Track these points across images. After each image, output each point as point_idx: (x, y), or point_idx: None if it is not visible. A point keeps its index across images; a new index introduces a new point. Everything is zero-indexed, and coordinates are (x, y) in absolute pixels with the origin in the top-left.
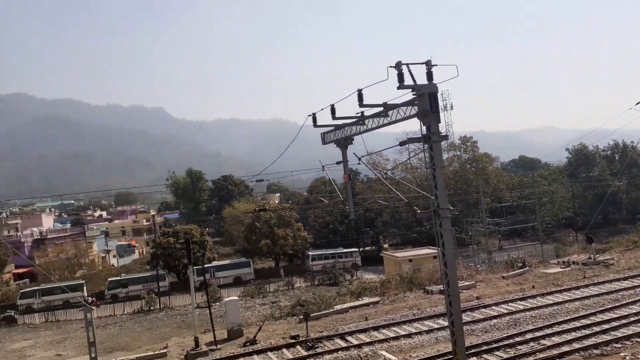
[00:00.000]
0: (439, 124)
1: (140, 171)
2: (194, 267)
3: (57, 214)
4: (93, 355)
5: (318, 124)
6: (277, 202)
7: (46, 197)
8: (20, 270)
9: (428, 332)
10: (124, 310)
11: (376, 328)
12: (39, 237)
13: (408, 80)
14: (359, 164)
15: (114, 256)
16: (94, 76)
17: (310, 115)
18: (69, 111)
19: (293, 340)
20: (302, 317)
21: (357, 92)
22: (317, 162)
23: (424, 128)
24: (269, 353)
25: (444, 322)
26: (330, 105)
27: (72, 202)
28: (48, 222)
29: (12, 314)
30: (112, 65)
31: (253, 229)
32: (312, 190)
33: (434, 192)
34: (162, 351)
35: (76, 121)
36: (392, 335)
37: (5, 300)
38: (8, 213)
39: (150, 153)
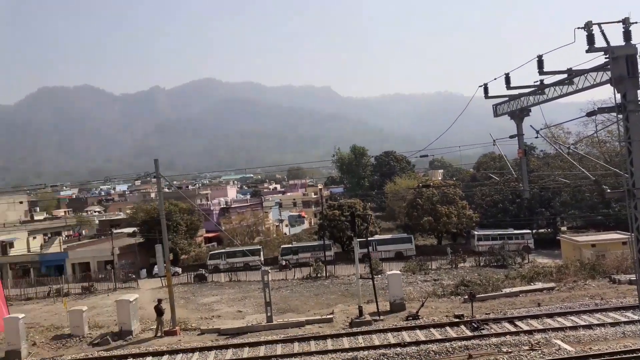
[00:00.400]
0: (638, 91)
1: (309, 147)
2: (358, 240)
3: (239, 186)
4: (269, 314)
5: (490, 94)
6: (440, 178)
7: (230, 170)
8: (210, 235)
9: (613, 324)
10: (294, 276)
11: (550, 315)
12: (224, 206)
13: (599, 43)
14: (536, 137)
15: (286, 225)
16: (270, 60)
17: (481, 86)
18: (248, 93)
19: (457, 320)
20: (466, 297)
21: (537, 59)
22: (484, 136)
23: (617, 96)
24: (432, 329)
25: (633, 316)
26: (505, 74)
27: (251, 175)
28: (232, 193)
29: (203, 272)
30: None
31: (415, 205)
32: (479, 167)
33: (629, 169)
34: (328, 316)
35: (254, 102)
36: (568, 324)
37: (197, 260)
38: (200, 184)
39: (318, 130)
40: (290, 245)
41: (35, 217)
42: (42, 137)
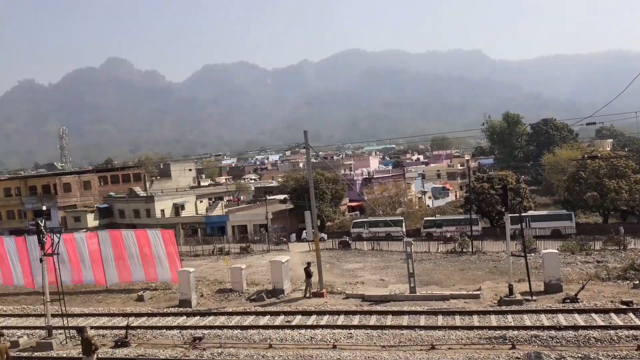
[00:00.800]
0: None
1: (455, 116)
2: (510, 215)
3: (381, 156)
4: (412, 285)
5: None
6: (608, 149)
7: (372, 141)
8: (353, 204)
9: None
10: (437, 249)
11: None
12: (367, 176)
13: None
14: None
15: (429, 197)
16: (415, 25)
17: None
18: (393, 62)
19: (624, 307)
20: (637, 282)
21: None
22: None
23: None
24: (593, 315)
25: None
26: None
27: (394, 146)
28: (374, 163)
29: (347, 239)
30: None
31: (577, 178)
32: None
33: None
34: (475, 292)
35: (399, 70)
36: None
37: (341, 227)
38: (344, 155)
39: (465, 98)
40: (433, 218)
41: (202, 183)
42: (206, 111)
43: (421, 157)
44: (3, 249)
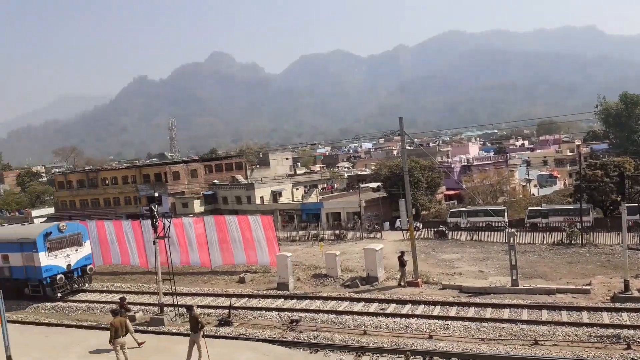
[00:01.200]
0: None
1: (564, 98)
2: (627, 205)
3: (481, 142)
4: (514, 277)
5: None
6: None
7: (472, 127)
8: (450, 192)
9: None
10: (543, 240)
11: None
12: (465, 163)
13: None
14: None
15: (535, 186)
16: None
17: None
18: (495, 42)
19: None
20: None
21: None
22: None
23: None
24: None
25: None
26: None
27: (495, 131)
28: (474, 150)
29: (443, 229)
30: None
31: None
32: None
33: None
34: (585, 287)
35: (502, 51)
36: None
37: (437, 216)
38: (440, 141)
39: (576, 77)
40: (539, 208)
41: (297, 172)
42: (301, 100)
43: (526, 143)
44: (121, 232)
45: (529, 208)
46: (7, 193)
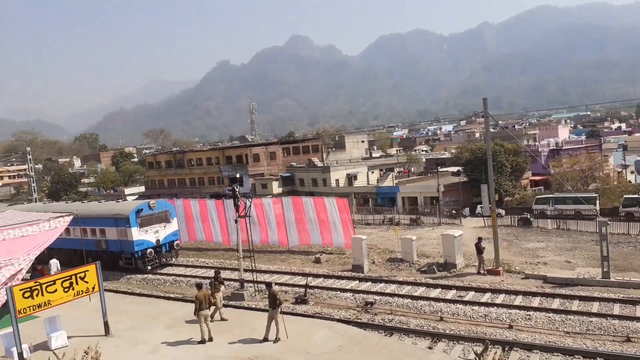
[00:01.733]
0: None
1: None
2: None
3: (572, 125)
4: (605, 269)
5: None
6: None
7: (562, 108)
8: (536, 178)
9: None
10: (639, 231)
11: None
12: (554, 147)
13: None
14: None
15: (632, 172)
16: None
17: None
18: (590, 17)
19: None
20: None
21: None
22: None
23: None
24: None
25: None
26: None
27: (588, 113)
28: (563, 133)
29: (528, 216)
30: None
31: None
32: None
33: None
34: None
35: (598, 26)
36: None
37: (521, 203)
38: (527, 124)
39: None
40: (636, 196)
41: (373, 155)
42: (379, 82)
43: (623, 126)
44: (206, 211)
45: (625, 196)
46: (104, 172)
